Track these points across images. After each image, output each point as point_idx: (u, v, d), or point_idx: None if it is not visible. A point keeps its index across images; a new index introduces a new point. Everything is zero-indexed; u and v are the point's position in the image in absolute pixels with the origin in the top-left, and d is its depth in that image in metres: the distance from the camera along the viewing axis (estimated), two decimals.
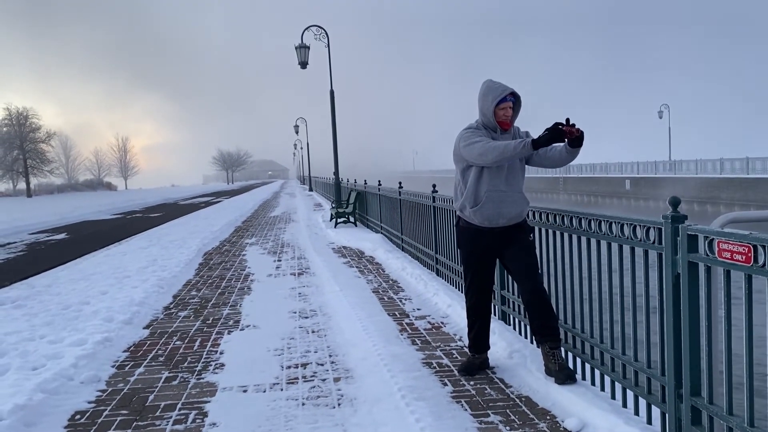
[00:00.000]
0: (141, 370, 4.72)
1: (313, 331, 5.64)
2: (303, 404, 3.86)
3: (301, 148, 65.94)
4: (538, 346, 4.11)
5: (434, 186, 7.78)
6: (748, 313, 2.46)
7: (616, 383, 3.51)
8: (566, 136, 3.63)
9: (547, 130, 3.65)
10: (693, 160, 40.49)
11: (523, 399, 3.79)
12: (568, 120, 3.65)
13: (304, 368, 4.58)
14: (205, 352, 5.12)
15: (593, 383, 3.78)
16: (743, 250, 2.41)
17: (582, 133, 3.66)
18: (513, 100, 4.03)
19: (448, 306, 6.10)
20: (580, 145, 3.73)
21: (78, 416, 3.84)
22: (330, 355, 4.87)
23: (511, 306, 5.04)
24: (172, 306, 7.07)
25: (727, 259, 2.51)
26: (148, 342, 5.53)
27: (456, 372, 4.31)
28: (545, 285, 4.23)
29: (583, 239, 3.82)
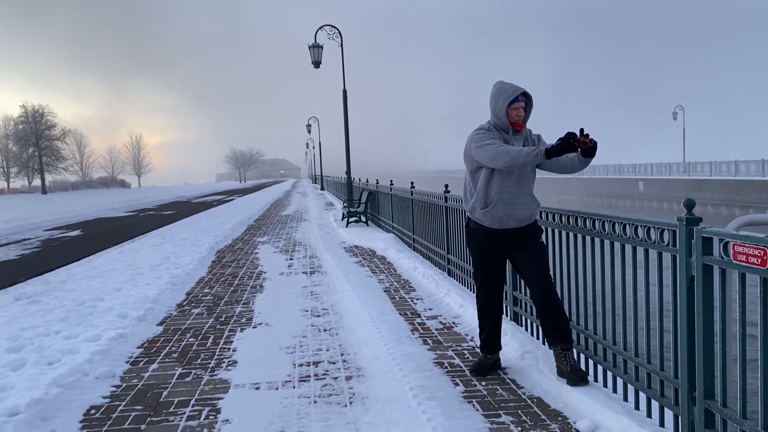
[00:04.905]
0: (155, 366, 4.77)
1: (325, 330, 5.67)
2: (315, 402, 3.88)
3: (313, 147, 66.14)
4: (550, 348, 4.10)
5: (446, 186, 7.78)
6: (763, 316, 2.45)
7: (629, 385, 3.51)
8: (579, 146, 3.59)
9: (560, 139, 3.59)
10: (708, 162, 40.16)
11: (534, 400, 3.79)
12: (582, 130, 3.60)
13: (316, 366, 4.60)
14: (218, 349, 5.16)
15: (605, 385, 3.77)
16: (759, 253, 2.39)
17: (595, 143, 3.60)
18: (525, 100, 4.01)
19: (459, 306, 6.10)
20: (593, 155, 3.69)
21: (93, 411, 3.88)
22: (342, 354, 4.89)
23: (523, 307, 5.03)
24: (185, 303, 7.13)
25: (743, 261, 2.49)
26: (162, 338, 5.58)
27: (467, 372, 4.31)
28: (557, 287, 4.23)
29: (596, 241, 3.80)
